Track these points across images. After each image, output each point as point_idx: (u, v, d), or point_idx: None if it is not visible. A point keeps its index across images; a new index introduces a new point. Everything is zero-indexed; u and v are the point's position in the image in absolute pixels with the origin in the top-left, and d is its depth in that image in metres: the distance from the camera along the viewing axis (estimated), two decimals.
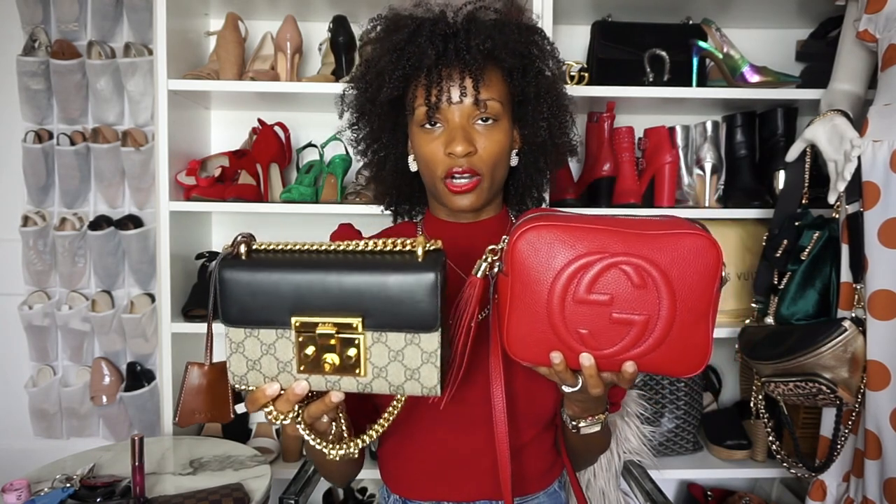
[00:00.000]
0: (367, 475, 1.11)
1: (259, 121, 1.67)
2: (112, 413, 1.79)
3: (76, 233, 1.77)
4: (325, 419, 0.69)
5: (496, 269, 0.69)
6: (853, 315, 1.21)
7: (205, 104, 1.72)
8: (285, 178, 1.71)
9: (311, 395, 0.67)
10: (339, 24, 1.60)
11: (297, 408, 0.66)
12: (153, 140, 1.66)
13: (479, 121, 0.82)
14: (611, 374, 0.67)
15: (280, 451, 1.61)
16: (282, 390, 0.65)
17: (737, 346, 1.40)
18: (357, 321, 0.61)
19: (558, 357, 0.65)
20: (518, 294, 0.65)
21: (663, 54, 1.53)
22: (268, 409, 0.66)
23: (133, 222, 1.79)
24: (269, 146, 1.64)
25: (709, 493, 1.76)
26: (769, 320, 1.36)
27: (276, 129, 1.67)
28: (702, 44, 1.54)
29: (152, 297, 1.80)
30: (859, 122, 1.26)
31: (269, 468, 1.25)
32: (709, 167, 1.59)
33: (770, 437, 1.35)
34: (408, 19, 0.86)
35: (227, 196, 1.51)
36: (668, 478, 1.58)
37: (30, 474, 1.20)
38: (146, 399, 1.77)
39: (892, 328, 1.16)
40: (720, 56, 1.55)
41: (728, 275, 0.63)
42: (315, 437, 0.68)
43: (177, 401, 0.79)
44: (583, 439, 0.86)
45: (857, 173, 1.21)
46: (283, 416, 0.66)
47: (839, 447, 1.26)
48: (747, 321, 1.42)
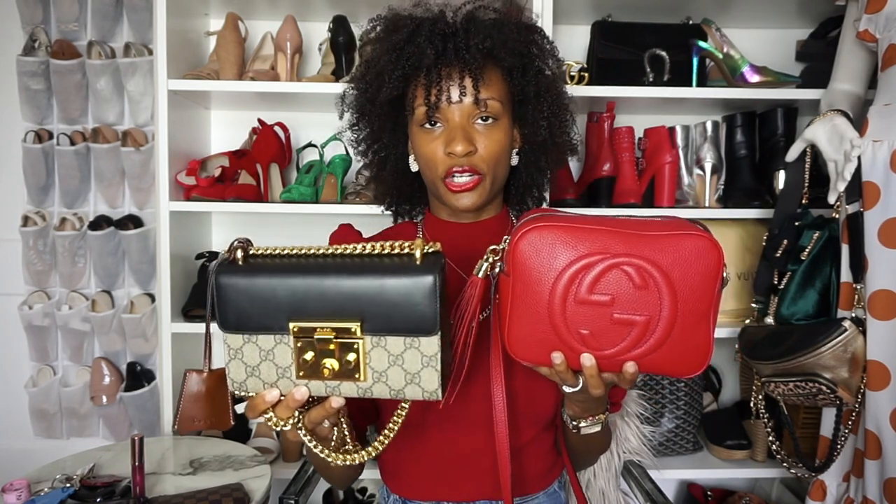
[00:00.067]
0: (367, 475, 1.11)
1: (259, 121, 1.67)
2: (112, 413, 1.80)
3: (76, 233, 1.77)
4: (327, 424, 0.68)
5: (497, 270, 0.69)
6: (853, 315, 1.21)
7: (205, 104, 1.72)
8: (285, 178, 1.71)
9: (311, 401, 0.66)
10: (339, 24, 1.60)
11: (297, 414, 0.65)
12: (153, 140, 1.66)
13: (479, 120, 0.82)
14: (612, 375, 0.67)
15: (280, 451, 1.61)
16: (281, 396, 0.64)
17: (737, 346, 1.40)
18: (356, 326, 0.61)
19: (559, 357, 0.65)
20: (519, 294, 0.65)
21: (663, 54, 1.53)
22: (268, 416, 0.65)
23: (133, 222, 1.79)
24: (269, 146, 1.64)
25: (709, 493, 1.76)
26: (769, 320, 1.36)
27: (276, 129, 1.67)
28: (702, 44, 1.54)
29: (152, 297, 1.80)
30: (859, 122, 1.26)
31: (269, 468, 1.25)
32: (709, 167, 1.59)
33: (770, 437, 1.35)
34: (407, 19, 0.86)
35: (227, 196, 1.51)
36: (668, 478, 1.58)
37: (30, 474, 1.20)
38: (146, 399, 1.77)
39: (892, 328, 1.16)
40: (720, 56, 1.55)
41: (729, 275, 0.63)
42: (317, 444, 0.68)
43: (176, 408, 0.79)
44: (583, 439, 0.86)
45: (857, 173, 1.21)
46: (283, 423, 0.65)
47: (839, 447, 1.26)
48: (747, 321, 1.42)
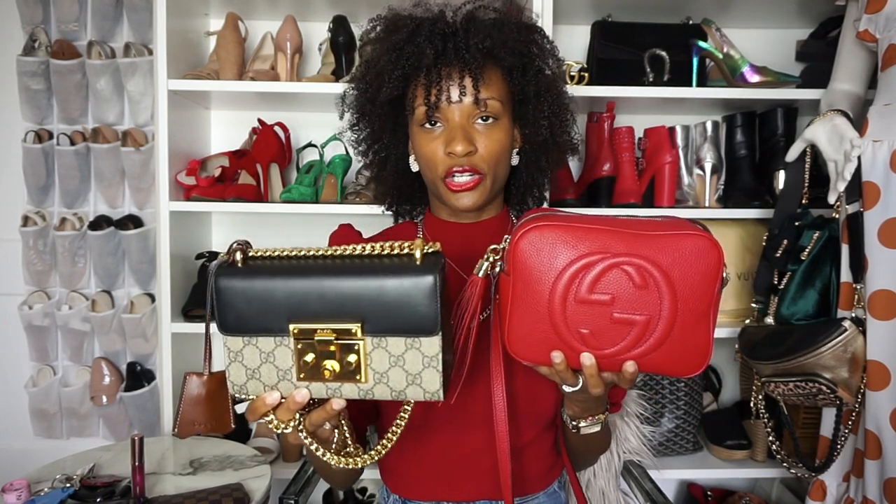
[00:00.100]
0: (367, 475, 1.11)
1: (259, 121, 1.67)
2: (112, 413, 1.80)
3: (76, 233, 1.77)
4: (328, 427, 0.68)
5: (498, 269, 0.69)
6: (853, 315, 1.21)
7: (205, 104, 1.72)
8: (285, 178, 1.71)
9: (312, 403, 0.66)
10: (339, 24, 1.60)
11: (298, 416, 0.65)
12: (153, 140, 1.66)
13: (480, 120, 0.82)
14: (611, 374, 0.67)
15: (280, 451, 1.61)
16: (282, 399, 0.64)
17: (737, 346, 1.40)
18: (356, 327, 0.61)
19: (559, 356, 0.65)
20: (520, 293, 0.65)
21: (663, 54, 1.53)
22: (268, 419, 0.65)
23: (133, 222, 1.79)
24: (269, 146, 1.64)
25: (709, 493, 1.76)
26: (769, 320, 1.36)
27: (276, 129, 1.67)
28: (702, 44, 1.54)
29: (152, 297, 1.80)
30: (859, 122, 1.26)
31: (269, 468, 1.25)
32: (709, 167, 1.59)
33: (770, 437, 1.35)
34: (407, 19, 0.86)
35: (227, 196, 1.51)
36: (668, 478, 1.58)
37: (30, 474, 1.20)
38: (146, 399, 1.77)
39: (892, 328, 1.16)
40: (720, 56, 1.55)
41: (729, 275, 0.63)
42: (318, 446, 0.67)
43: (176, 412, 0.79)
44: (583, 439, 0.86)
45: (857, 173, 1.21)
46: (284, 425, 0.65)
47: (839, 447, 1.26)
48: (747, 321, 1.42)
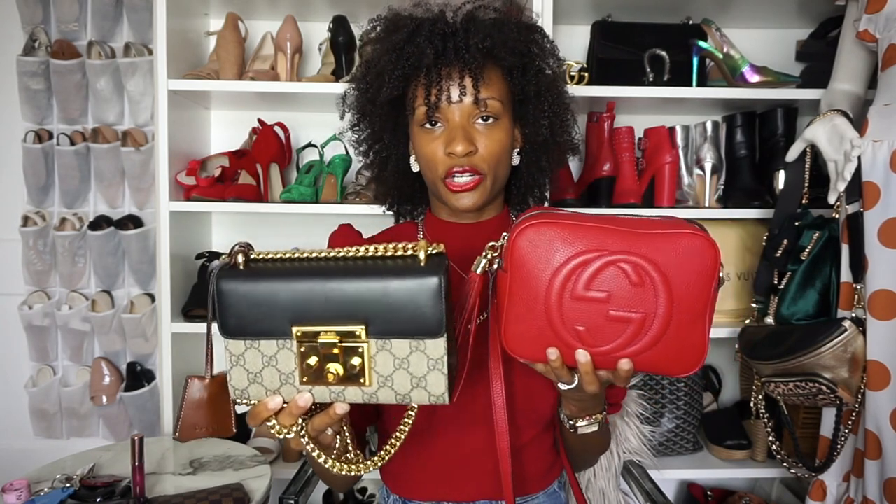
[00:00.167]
0: (367, 475, 1.11)
1: (259, 121, 1.67)
2: (112, 413, 1.80)
3: (76, 233, 1.77)
4: (330, 432, 0.67)
5: (496, 266, 0.69)
6: (853, 315, 1.21)
7: (205, 104, 1.72)
8: (285, 178, 1.71)
9: (314, 408, 0.66)
10: (339, 24, 1.60)
11: (300, 421, 0.64)
12: (153, 140, 1.66)
13: (480, 120, 0.82)
14: (607, 372, 0.67)
15: (280, 451, 1.61)
16: (284, 403, 0.64)
17: (737, 346, 1.40)
18: (360, 329, 0.60)
19: (555, 353, 0.65)
20: (517, 290, 0.65)
21: (663, 54, 1.53)
22: (270, 424, 0.64)
23: (133, 222, 1.79)
24: (269, 146, 1.64)
25: (709, 493, 1.76)
26: (769, 320, 1.36)
27: (276, 129, 1.67)
28: (702, 44, 1.54)
29: (152, 297, 1.80)
30: (859, 122, 1.26)
31: (269, 468, 1.25)
32: (709, 167, 1.59)
33: (770, 437, 1.35)
34: (407, 19, 0.86)
35: (227, 196, 1.51)
36: (668, 478, 1.58)
37: (30, 474, 1.20)
38: (146, 399, 1.77)
39: (892, 328, 1.16)
40: (720, 56, 1.55)
41: (726, 276, 0.63)
42: (320, 452, 0.67)
43: (177, 415, 0.78)
44: (581, 439, 0.86)
45: (857, 173, 1.21)
46: (286, 431, 0.64)
47: (839, 447, 1.26)
48: (747, 321, 1.42)
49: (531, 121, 0.88)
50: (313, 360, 0.61)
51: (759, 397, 1.36)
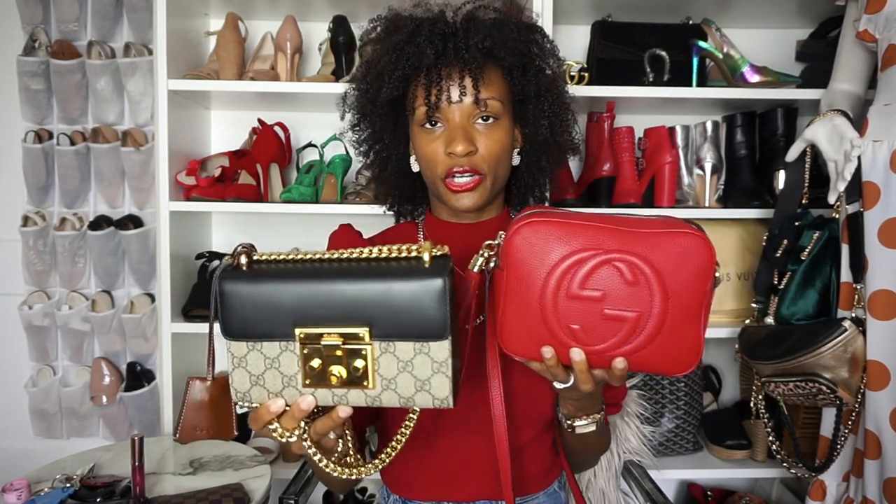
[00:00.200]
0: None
1: (259, 121, 1.67)
2: (112, 413, 1.80)
3: (76, 233, 1.77)
4: (332, 436, 0.67)
5: (492, 265, 0.69)
6: (853, 315, 1.21)
7: (205, 104, 1.72)
8: (285, 178, 1.71)
9: (316, 412, 0.65)
10: (339, 24, 1.60)
11: (303, 424, 0.64)
12: (153, 140, 1.66)
13: (480, 120, 0.82)
14: (602, 371, 0.67)
15: (280, 451, 1.61)
16: (287, 406, 0.63)
17: (737, 346, 1.40)
18: (364, 331, 0.59)
19: (549, 352, 0.65)
20: (512, 288, 0.65)
21: (663, 54, 1.53)
22: (273, 427, 0.63)
23: (133, 222, 1.79)
24: (269, 146, 1.64)
25: (709, 493, 1.76)
26: (769, 320, 1.36)
27: (276, 129, 1.67)
28: (702, 44, 1.54)
29: (152, 297, 1.80)
30: (859, 122, 1.26)
31: (269, 468, 1.25)
32: (709, 167, 1.59)
33: (770, 437, 1.35)
34: (407, 19, 0.86)
35: (227, 196, 1.51)
36: (668, 478, 1.58)
37: (30, 474, 1.20)
38: (146, 399, 1.77)
39: (892, 328, 1.16)
40: (720, 56, 1.55)
41: (722, 275, 0.63)
42: (321, 457, 0.66)
43: (177, 417, 0.78)
44: (579, 439, 0.86)
45: (857, 173, 1.21)
46: (288, 434, 0.63)
47: (839, 447, 1.26)
48: (747, 321, 1.42)
49: (531, 121, 0.88)
50: (316, 363, 0.61)
51: (759, 397, 1.36)
